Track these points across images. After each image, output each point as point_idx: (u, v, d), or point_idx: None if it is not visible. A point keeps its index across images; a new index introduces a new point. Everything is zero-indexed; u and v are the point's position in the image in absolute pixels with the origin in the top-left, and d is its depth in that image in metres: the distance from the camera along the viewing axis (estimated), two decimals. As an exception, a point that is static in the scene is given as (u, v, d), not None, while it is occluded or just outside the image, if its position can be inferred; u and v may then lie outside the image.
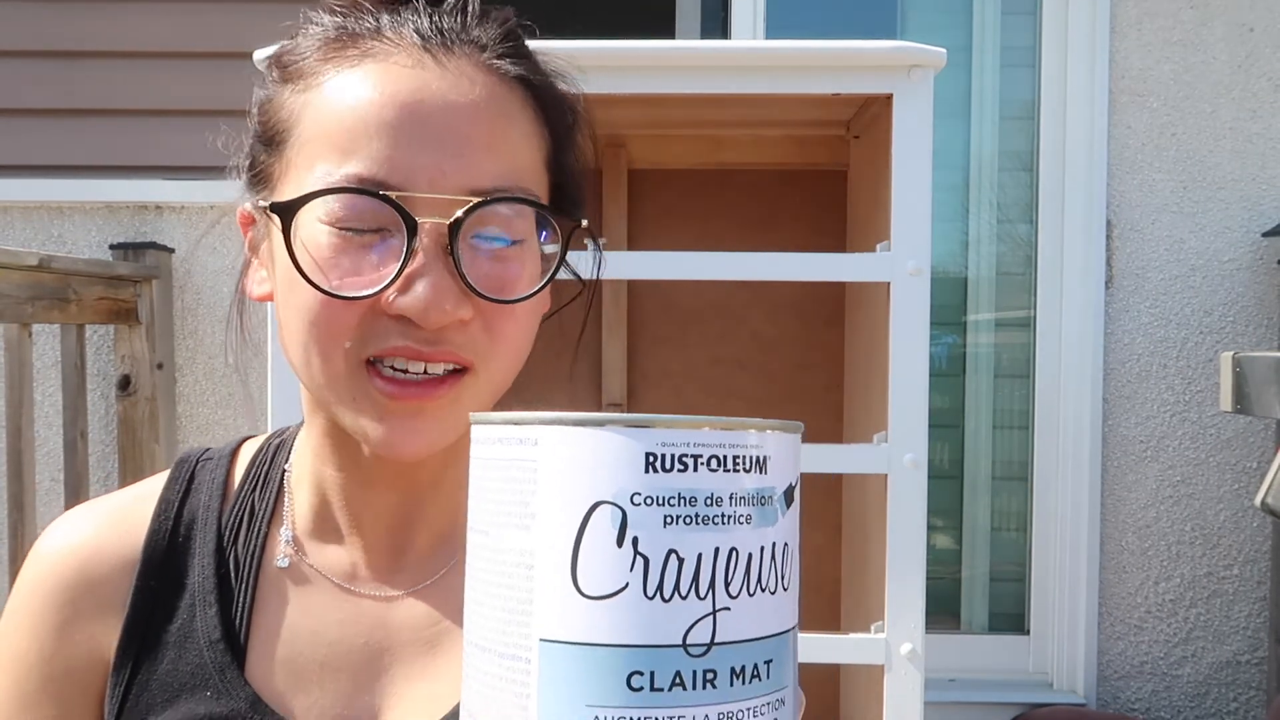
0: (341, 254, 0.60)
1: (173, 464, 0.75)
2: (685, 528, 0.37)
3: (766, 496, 0.40)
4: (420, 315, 0.59)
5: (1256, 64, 2.53)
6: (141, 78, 2.55)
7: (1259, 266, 2.54)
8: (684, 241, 1.95)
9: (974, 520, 2.73)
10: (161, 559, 0.69)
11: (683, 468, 0.38)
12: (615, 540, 0.37)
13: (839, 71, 1.27)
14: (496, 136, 0.62)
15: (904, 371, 1.25)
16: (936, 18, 2.73)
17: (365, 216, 0.59)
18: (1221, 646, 2.57)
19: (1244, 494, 2.55)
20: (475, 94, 0.61)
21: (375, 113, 0.60)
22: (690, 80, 1.29)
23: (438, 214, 0.59)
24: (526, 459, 0.39)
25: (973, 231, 2.72)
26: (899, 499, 1.26)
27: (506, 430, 0.40)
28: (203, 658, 0.66)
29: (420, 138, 0.59)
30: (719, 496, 0.38)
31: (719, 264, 1.33)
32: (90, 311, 2.24)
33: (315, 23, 0.65)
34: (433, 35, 0.63)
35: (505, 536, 0.39)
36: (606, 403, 1.97)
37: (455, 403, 0.62)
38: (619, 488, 0.37)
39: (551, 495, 0.38)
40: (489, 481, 0.40)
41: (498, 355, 0.63)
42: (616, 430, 0.38)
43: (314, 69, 0.63)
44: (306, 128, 0.62)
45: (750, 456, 0.39)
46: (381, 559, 0.70)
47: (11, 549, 2.00)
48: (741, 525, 0.39)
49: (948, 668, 2.62)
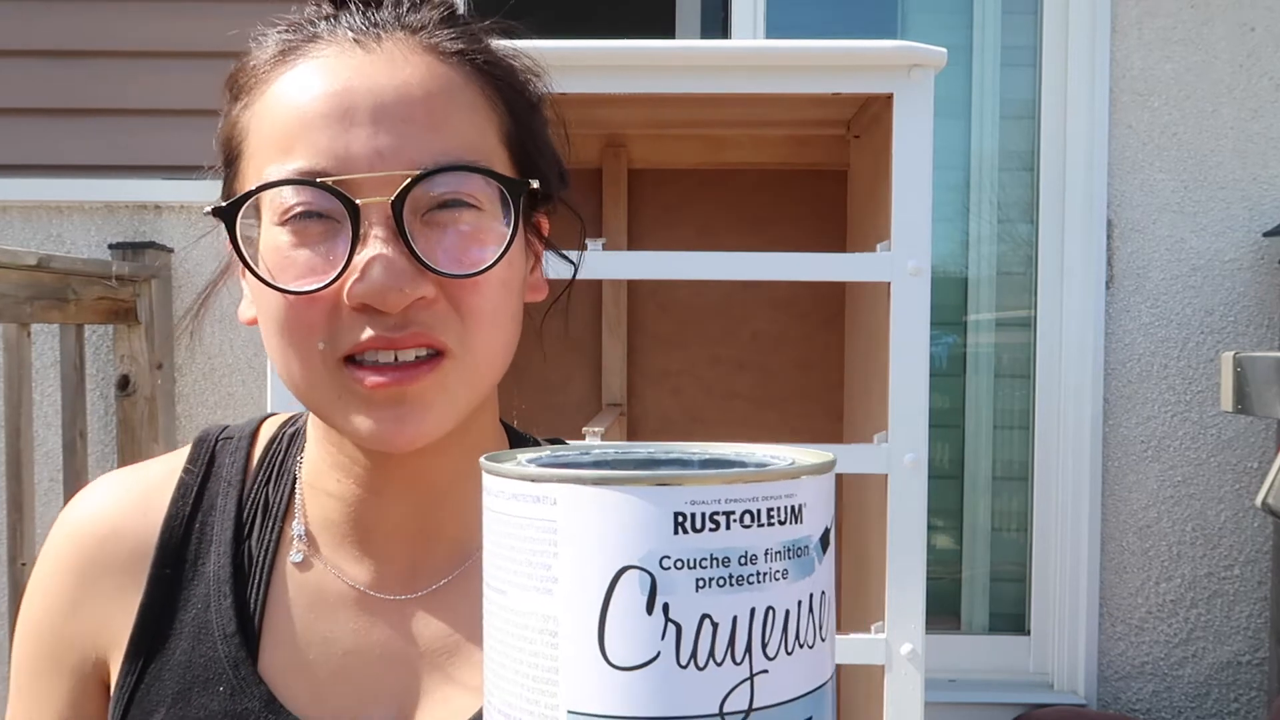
0: (296, 252, 0.60)
1: (193, 442, 0.74)
2: (719, 590, 0.35)
3: (802, 547, 0.38)
4: (378, 299, 0.58)
5: (1258, 63, 2.53)
6: (141, 78, 2.55)
7: (1260, 266, 2.54)
8: (684, 241, 1.95)
9: (974, 520, 2.73)
10: (178, 546, 0.69)
11: (714, 526, 0.35)
12: (645, 607, 0.35)
13: (839, 71, 1.27)
14: (435, 113, 0.61)
15: (904, 371, 1.25)
16: (936, 18, 2.73)
17: (312, 208, 0.59)
18: (1222, 647, 2.57)
19: (1245, 494, 2.55)
20: (407, 73, 0.61)
21: (308, 106, 0.60)
22: (690, 80, 1.28)
23: (380, 194, 0.58)
24: (545, 519, 0.37)
25: (973, 231, 2.72)
26: (899, 499, 1.25)
27: (522, 486, 0.37)
28: (216, 651, 0.66)
29: (356, 122, 0.59)
30: (753, 554, 0.36)
31: (719, 264, 1.33)
32: (89, 311, 2.24)
33: (260, 39, 0.66)
34: (365, 27, 0.63)
35: (525, 600, 0.37)
36: (606, 403, 1.97)
37: (440, 388, 0.61)
38: (647, 551, 0.35)
39: (574, 559, 0.36)
40: (505, 538, 0.38)
41: (472, 334, 0.62)
42: (642, 490, 0.35)
43: (258, 82, 0.64)
44: (253, 138, 0.63)
45: (784, 507, 0.37)
46: (396, 567, 0.69)
47: (10, 549, 2.00)
48: (778, 581, 0.37)
49: (948, 668, 2.61)
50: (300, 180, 0.59)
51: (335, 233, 0.60)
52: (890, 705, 1.26)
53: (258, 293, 0.63)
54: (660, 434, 1.98)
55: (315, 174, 0.59)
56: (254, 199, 0.61)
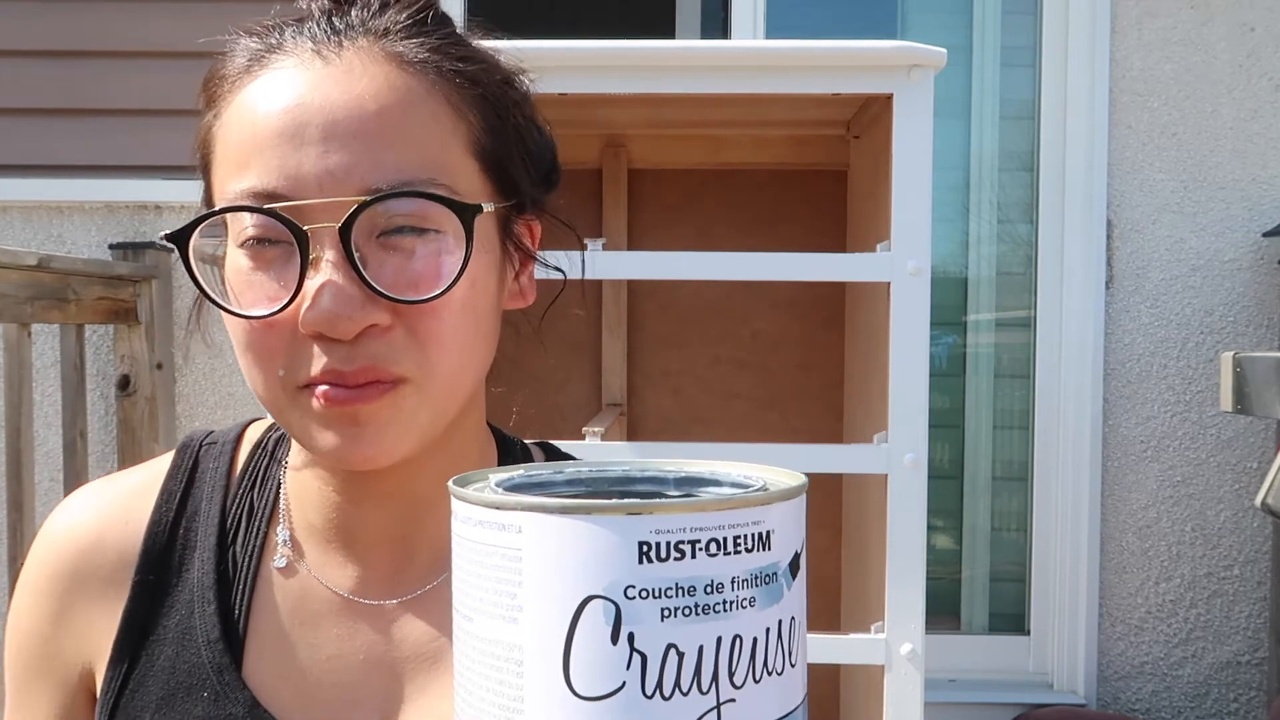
0: (254, 276, 0.59)
1: (176, 449, 0.73)
2: (684, 619, 0.35)
3: (771, 574, 0.37)
4: (328, 327, 0.56)
5: (1257, 63, 2.53)
6: (141, 78, 2.55)
7: (1260, 266, 2.54)
8: (684, 241, 1.95)
9: (974, 520, 2.73)
10: (161, 552, 0.69)
11: (679, 555, 0.35)
12: (609, 637, 0.35)
13: (839, 71, 1.27)
14: (389, 128, 0.58)
15: (904, 371, 1.25)
16: (936, 18, 2.73)
17: (262, 233, 0.58)
18: (1222, 647, 2.57)
19: (1244, 494, 2.55)
20: (363, 86, 0.58)
21: (262, 123, 0.58)
22: (690, 80, 1.28)
23: (330, 219, 0.56)
24: (510, 547, 0.36)
25: (973, 231, 2.72)
26: (899, 499, 1.25)
27: (486, 514, 0.37)
28: (200, 657, 0.66)
29: (306, 141, 0.57)
30: (719, 583, 0.36)
31: (719, 264, 1.33)
32: (89, 311, 2.24)
33: (231, 47, 0.64)
34: (325, 35, 0.61)
35: (491, 627, 0.37)
36: (606, 403, 1.97)
37: (395, 410, 0.60)
38: (611, 581, 0.35)
39: (539, 589, 0.36)
40: (471, 564, 0.38)
41: (433, 360, 0.60)
42: (606, 519, 0.35)
43: (224, 92, 0.62)
44: (218, 150, 0.62)
45: (752, 535, 0.36)
46: (379, 573, 0.69)
47: (11, 549, 2.00)
48: (745, 609, 0.36)
49: (948, 668, 2.62)
50: (245, 207, 0.57)
51: (289, 257, 0.58)
52: (890, 705, 1.26)
53: (223, 314, 0.61)
54: (660, 434, 1.98)
55: (267, 194, 0.57)
56: (219, 219, 0.60)
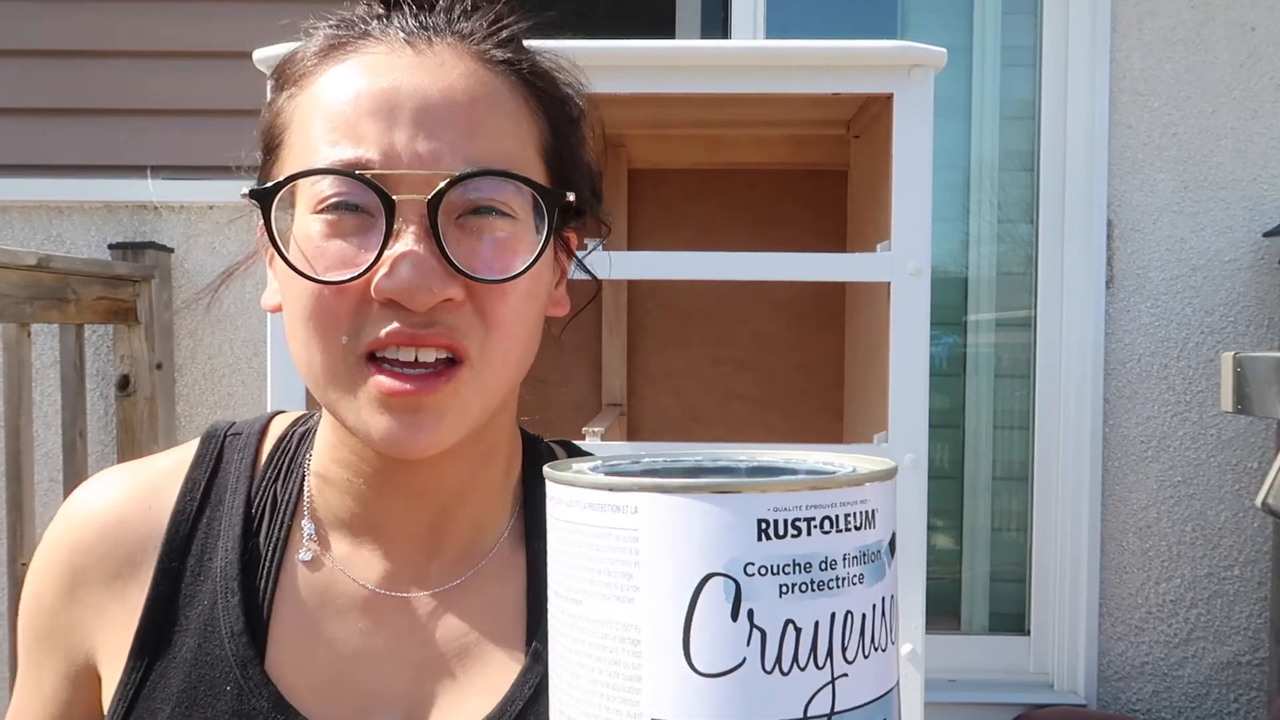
0: (329, 242, 0.60)
1: (200, 438, 0.74)
2: (801, 595, 0.36)
3: (875, 552, 0.38)
4: (405, 296, 0.58)
5: (1258, 63, 2.53)
6: (141, 78, 2.54)
7: (1260, 266, 2.53)
8: (684, 241, 1.95)
9: (974, 520, 2.73)
10: (186, 540, 0.69)
11: (795, 533, 0.36)
12: (730, 614, 0.35)
13: (839, 71, 1.27)
14: (476, 119, 0.61)
15: (904, 371, 1.25)
16: (936, 18, 2.73)
17: (349, 200, 0.59)
18: (1222, 647, 2.57)
19: (1245, 494, 2.55)
20: (454, 77, 0.62)
21: (355, 100, 0.61)
22: (690, 80, 1.28)
23: (418, 193, 0.59)
24: (625, 528, 0.37)
25: (973, 231, 2.72)
26: (899, 499, 1.25)
27: (599, 495, 0.37)
28: (224, 649, 0.65)
29: (399, 121, 0.60)
30: (832, 559, 0.37)
31: (719, 264, 1.33)
32: (89, 311, 2.24)
33: (312, 32, 0.66)
34: (416, 30, 0.64)
35: (603, 609, 0.37)
36: (606, 403, 1.97)
37: (455, 397, 0.61)
38: (731, 558, 0.35)
39: (658, 568, 0.36)
40: (579, 548, 0.38)
41: (494, 341, 0.62)
42: (725, 498, 0.35)
43: (306, 72, 0.65)
44: (296, 126, 0.64)
45: (860, 513, 0.37)
46: (405, 566, 0.69)
47: (10, 549, 2.00)
48: (855, 586, 0.37)
49: (948, 668, 2.61)
50: (340, 170, 0.59)
51: (368, 226, 0.60)
52: (890, 705, 1.25)
53: (286, 281, 0.63)
54: (660, 434, 1.98)
55: (357, 165, 0.59)
56: (289, 188, 0.61)
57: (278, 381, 1.25)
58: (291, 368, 1.14)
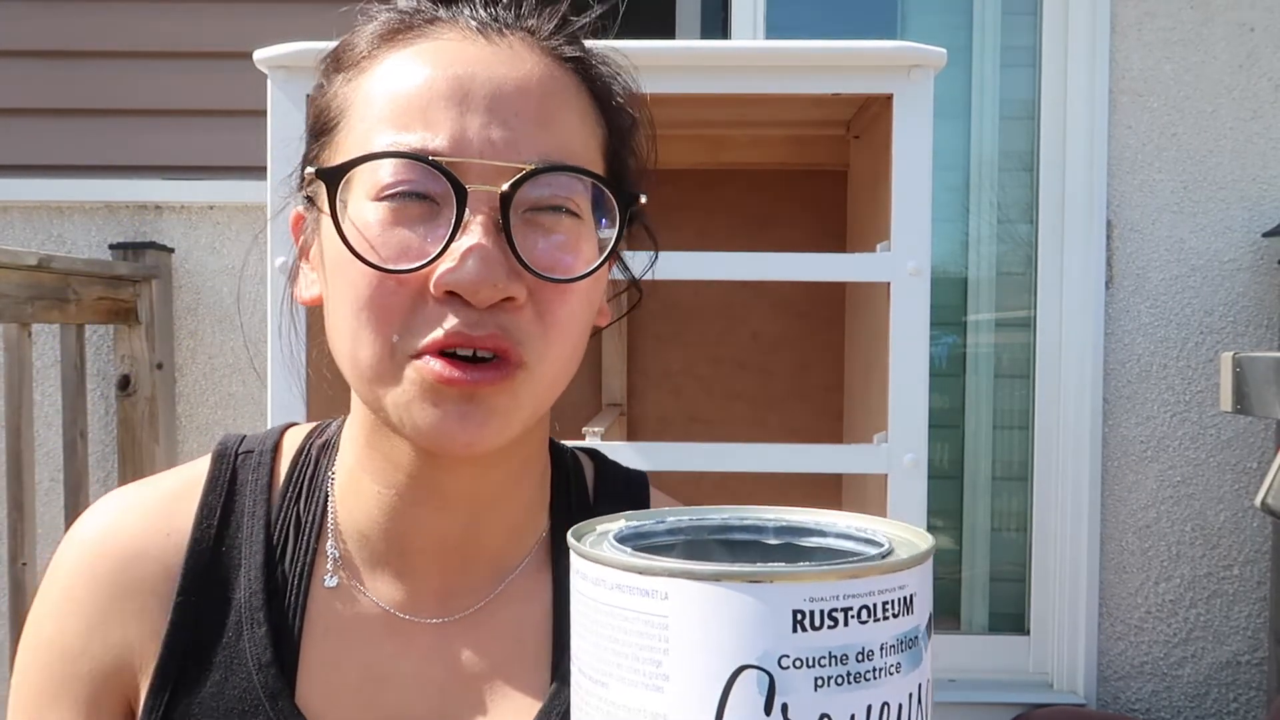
0: (390, 230, 0.57)
1: (210, 458, 0.70)
2: (837, 689, 0.34)
3: (913, 638, 0.36)
4: (469, 290, 0.55)
5: (1257, 64, 2.53)
6: (141, 78, 2.55)
7: (1259, 267, 2.54)
8: (684, 241, 1.95)
9: (974, 520, 2.73)
10: (205, 570, 0.65)
11: (833, 623, 0.34)
12: (764, 708, 0.34)
13: (839, 71, 1.27)
14: (549, 112, 0.60)
15: (904, 371, 1.25)
16: (936, 18, 2.73)
17: (416, 187, 0.57)
18: (1222, 647, 2.57)
19: (1244, 494, 2.55)
20: (528, 69, 0.60)
21: (426, 85, 0.59)
22: (690, 80, 1.28)
23: (490, 184, 0.57)
24: (655, 614, 0.35)
25: (973, 231, 2.72)
26: (899, 499, 1.25)
27: (627, 578, 0.36)
28: (252, 681, 0.63)
29: (472, 109, 0.58)
30: (870, 650, 0.35)
31: (719, 264, 1.33)
32: (90, 311, 2.24)
33: (372, 16, 0.65)
34: (487, 20, 0.63)
35: (630, 695, 0.35)
36: (606, 403, 1.97)
37: (512, 397, 0.59)
38: (765, 650, 0.34)
39: (689, 657, 0.34)
40: (606, 629, 0.36)
41: (551, 346, 0.59)
42: (759, 587, 0.34)
43: (367, 56, 0.63)
44: (357, 109, 0.61)
45: (898, 599, 0.36)
46: (434, 586, 0.66)
47: (11, 549, 2.00)
48: (892, 675, 0.36)
49: (948, 668, 2.62)
50: (415, 155, 0.57)
51: (434, 215, 0.57)
52: (890, 705, 1.25)
53: (337, 269, 0.60)
54: (660, 434, 1.98)
55: (427, 152, 0.57)
56: (349, 173, 0.59)
57: (277, 383, 1.25)
58: (292, 368, 1.14)
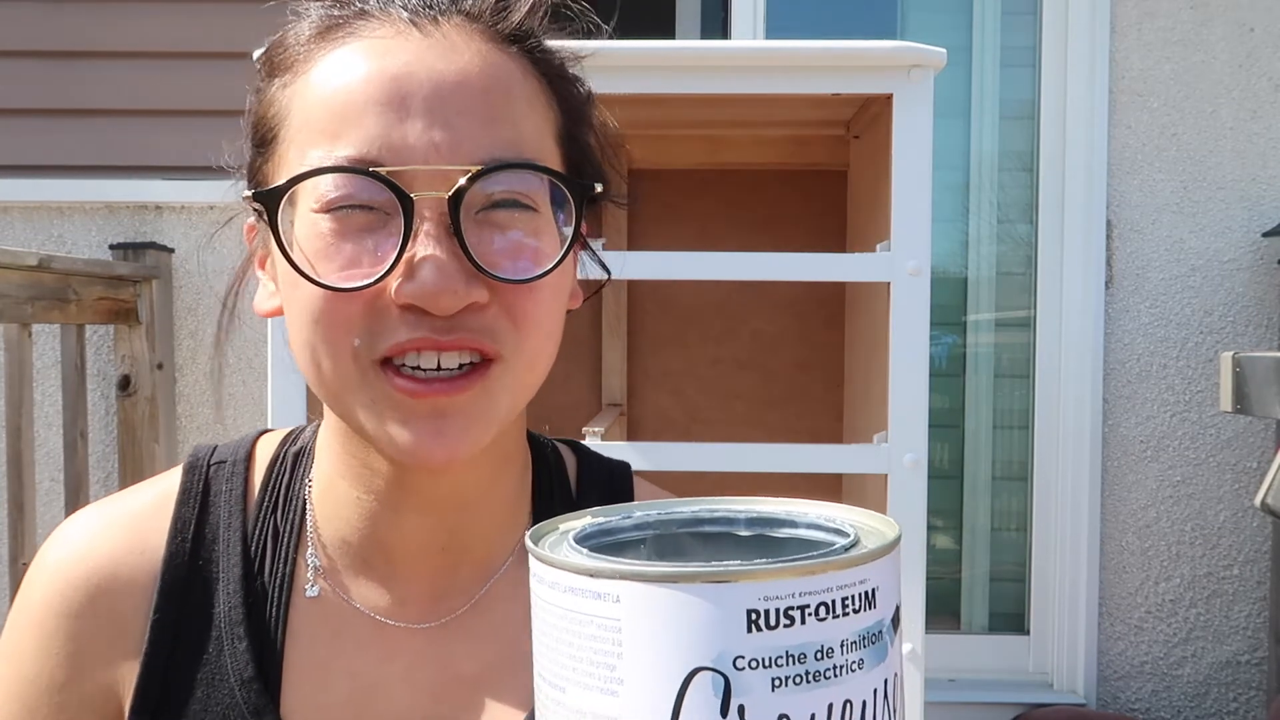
0: (339, 243, 0.55)
1: (182, 470, 0.68)
2: (795, 688, 0.33)
3: (876, 633, 0.35)
4: (430, 301, 0.54)
5: (1257, 64, 2.53)
6: (141, 78, 2.55)
7: (1259, 266, 2.54)
8: (684, 241, 1.95)
9: (974, 520, 2.73)
10: (182, 586, 0.63)
11: (789, 622, 0.33)
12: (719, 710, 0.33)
13: (839, 71, 1.27)
14: (493, 106, 0.57)
15: (904, 371, 1.25)
16: (936, 18, 2.73)
17: (359, 199, 0.55)
18: (1221, 646, 2.57)
19: (1244, 494, 2.55)
20: (466, 61, 0.57)
21: (361, 90, 0.56)
22: (690, 80, 1.28)
23: (436, 189, 0.54)
24: (608, 617, 0.34)
25: (973, 231, 2.72)
26: (899, 499, 1.25)
27: (579, 580, 0.35)
28: (235, 697, 0.61)
29: (412, 112, 0.55)
30: (829, 648, 0.34)
31: (719, 264, 1.33)
32: (90, 311, 2.24)
33: (303, 15, 0.62)
34: (420, 8, 0.59)
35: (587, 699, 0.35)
36: (606, 403, 1.97)
37: (486, 395, 0.57)
38: (719, 651, 0.33)
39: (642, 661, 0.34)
40: (562, 633, 0.36)
41: (525, 339, 0.58)
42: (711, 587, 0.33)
43: (301, 58, 0.60)
44: (295, 118, 0.59)
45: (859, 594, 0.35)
46: (418, 591, 0.65)
47: (11, 549, 2.00)
48: (854, 672, 0.35)
49: (948, 668, 2.62)
50: (354, 169, 0.55)
51: (381, 225, 0.55)
52: (890, 704, 1.26)
53: (289, 283, 0.58)
54: (660, 434, 1.98)
55: (366, 162, 0.55)
56: (289, 191, 0.56)
57: (278, 382, 1.25)
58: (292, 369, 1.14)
